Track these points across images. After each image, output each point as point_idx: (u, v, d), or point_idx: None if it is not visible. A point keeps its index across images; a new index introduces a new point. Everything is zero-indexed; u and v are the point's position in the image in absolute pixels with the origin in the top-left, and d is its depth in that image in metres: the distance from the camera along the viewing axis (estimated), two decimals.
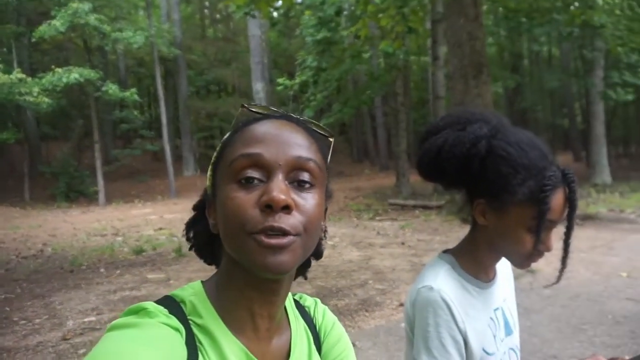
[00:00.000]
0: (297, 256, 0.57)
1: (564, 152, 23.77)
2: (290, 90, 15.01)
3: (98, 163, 15.97)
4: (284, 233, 0.55)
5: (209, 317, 0.61)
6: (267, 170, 0.58)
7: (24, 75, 13.17)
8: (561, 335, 2.36)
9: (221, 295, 0.64)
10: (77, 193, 17.05)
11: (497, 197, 1.03)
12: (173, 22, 20.76)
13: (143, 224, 9.90)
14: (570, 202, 1.04)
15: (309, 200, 0.59)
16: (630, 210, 7.69)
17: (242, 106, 0.64)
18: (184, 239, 0.69)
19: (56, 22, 13.47)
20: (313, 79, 12.04)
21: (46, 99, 13.27)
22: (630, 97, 11.35)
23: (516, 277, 1.26)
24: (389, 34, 10.88)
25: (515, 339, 1.22)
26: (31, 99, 13.10)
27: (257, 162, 0.58)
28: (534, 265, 3.19)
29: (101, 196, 15.97)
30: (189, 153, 21.47)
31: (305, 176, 0.59)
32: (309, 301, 0.81)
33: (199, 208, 0.71)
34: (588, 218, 6.62)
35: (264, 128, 0.61)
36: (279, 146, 0.59)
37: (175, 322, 0.57)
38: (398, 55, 11.21)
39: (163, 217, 11.18)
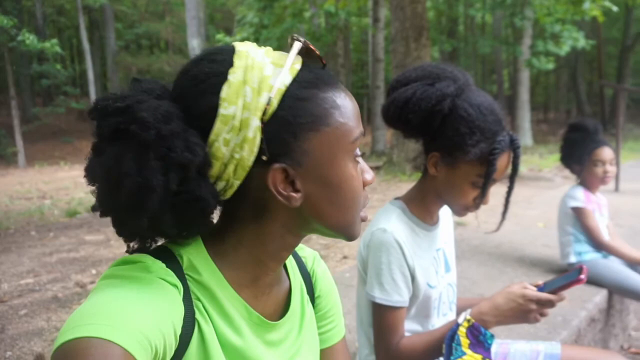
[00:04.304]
0: None
1: None
2: None
3: (16, 121, 14.63)
4: None
5: (208, 272, 0.60)
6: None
7: None
8: (487, 277, 2.64)
9: (227, 251, 0.62)
10: None
11: (451, 153, 1.12)
12: None
13: (72, 187, 9.35)
14: (514, 165, 1.16)
15: None
16: (547, 170, 8.47)
17: (313, 51, 0.60)
18: None
19: None
20: (254, 37, 11.68)
21: None
22: (551, 65, 12.16)
23: None
24: None
25: (452, 276, 1.38)
26: None
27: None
28: (464, 219, 3.52)
29: (21, 158, 14.76)
30: None
31: None
32: (306, 252, 0.81)
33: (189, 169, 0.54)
34: None
35: (352, 103, 0.62)
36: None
37: (173, 278, 0.56)
38: (340, 15, 11.12)
39: None
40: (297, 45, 0.58)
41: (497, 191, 1.19)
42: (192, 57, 0.61)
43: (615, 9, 8.07)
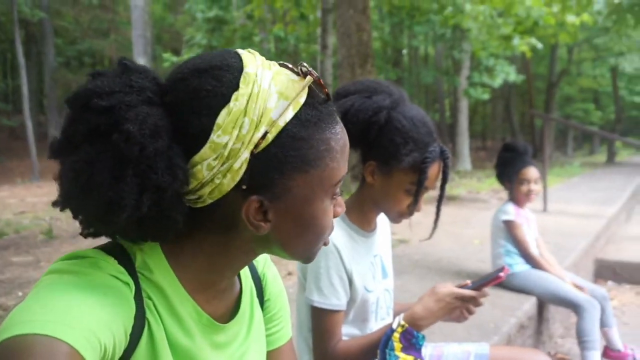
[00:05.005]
0: None
1: None
2: None
3: None
4: None
5: (161, 272, 0.58)
6: None
7: None
8: (426, 289, 2.74)
9: (185, 255, 0.60)
10: None
11: (386, 162, 1.19)
12: None
13: (0, 208, 8.69)
14: (444, 174, 1.24)
15: None
16: (484, 192, 8.94)
17: (320, 82, 0.56)
18: (54, 222, 0.54)
19: None
20: None
21: None
22: (486, 96, 13.01)
23: (392, 247, 1.47)
24: (280, 18, 10.96)
25: (389, 282, 1.43)
26: None
27: None
28: (406, 236, 3.63)
29: None
30: (55, 131, 19.18)
31: None
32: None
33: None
34: (451, 198, 7.54)
35: (344, 141, 0.62)
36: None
37: (125, 275, 0.55)
38: (289, 40, 11.36)
39: (25, 201, 9.91)
40: (308, 80, 0.55)
41: (431, 210, 1.27)
42: (194, 62, 0.56)
43: (540, 46, 8.86)
